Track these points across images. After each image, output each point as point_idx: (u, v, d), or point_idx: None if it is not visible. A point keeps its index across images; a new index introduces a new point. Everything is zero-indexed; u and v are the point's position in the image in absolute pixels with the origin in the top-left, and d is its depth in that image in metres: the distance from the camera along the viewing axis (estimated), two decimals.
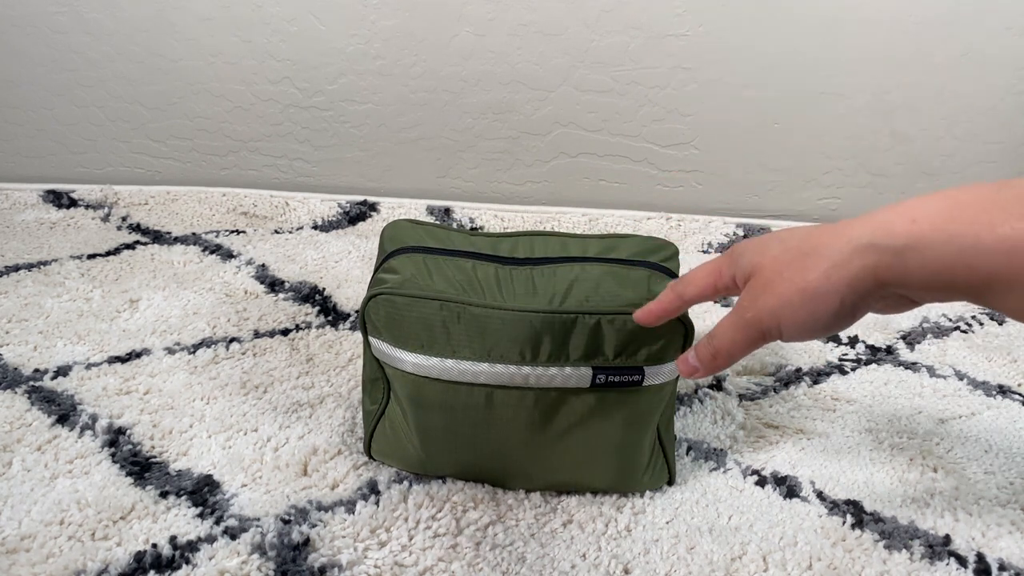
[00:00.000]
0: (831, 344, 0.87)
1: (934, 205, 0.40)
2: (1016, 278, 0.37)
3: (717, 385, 0.77)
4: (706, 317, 0.93)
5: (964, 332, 0.91)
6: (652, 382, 0.57)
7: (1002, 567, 0.56)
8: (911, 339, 0.89)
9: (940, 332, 0.91)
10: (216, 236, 1.09)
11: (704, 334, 0.50)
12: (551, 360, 0.55)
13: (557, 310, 0.54)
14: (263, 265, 1.00)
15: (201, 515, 0.58)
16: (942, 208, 0.39)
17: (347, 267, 1.02)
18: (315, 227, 1.16)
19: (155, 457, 0.64)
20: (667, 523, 0.59)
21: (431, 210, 1.20)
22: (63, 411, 0.68)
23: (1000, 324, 0.94)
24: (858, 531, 0.59)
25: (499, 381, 0.56)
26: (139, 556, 0.53)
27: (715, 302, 0.97)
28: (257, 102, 1.20)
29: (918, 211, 0.40)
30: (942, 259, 0.39)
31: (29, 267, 0.96)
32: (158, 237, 1.09)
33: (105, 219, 1.14)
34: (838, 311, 0.42)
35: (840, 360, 0.84)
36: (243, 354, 0.80)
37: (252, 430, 0.68)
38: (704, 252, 1.15)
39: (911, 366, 0.83)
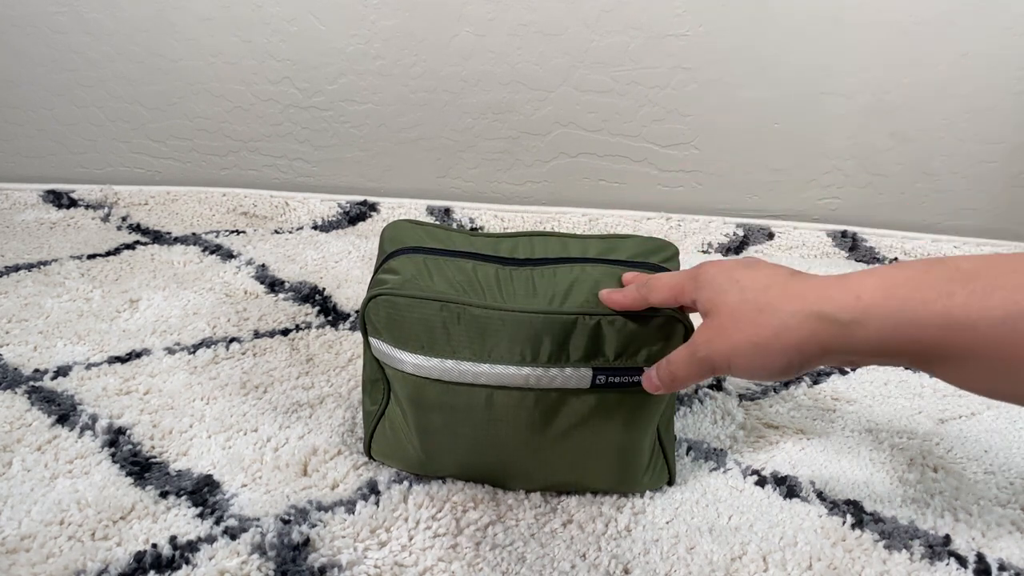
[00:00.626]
0: None
1: (875, 282, 0.44)
2: (949, 349, 0.41)
3: (717, 385, 0.77)
4: None
5: None
6: None
7: (1002, 567, 0.56)
8: None
9: None
10: (216, 236, 1.09)
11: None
12: (551, 361, 0.55)
13: (557, 311, 0.54)
14: (263, 265, 1.00)
15: (201, 515, 0.58)
16: (881, 286, 0.43)
17: (347, 267, 1.02)
18: (315, 227, 1.16)
19: (155, 457, 0.64)
20: (667, 523, 0.59)
21: (431, 210, 1.20)
22: (63, 411, 0.68)
23: None
24: (858, 531, 0.59)
25: (499, 382, 0.56)
26: (139, 556, 0.53)
27: None
28: (257, 102, 1.20)
29: (861, 288, 0.44)
30: (883, 332, 0.42)
31: (29, 267, 0.96)
32: (158, 237, 1.09)
33: (105, 219, 1.14)
34: (785, 367, 0.46)
35: None
36: (243, 354, 0.80)
37: (252, 430, 0.68)
38: (704, 252, 1.15)
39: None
